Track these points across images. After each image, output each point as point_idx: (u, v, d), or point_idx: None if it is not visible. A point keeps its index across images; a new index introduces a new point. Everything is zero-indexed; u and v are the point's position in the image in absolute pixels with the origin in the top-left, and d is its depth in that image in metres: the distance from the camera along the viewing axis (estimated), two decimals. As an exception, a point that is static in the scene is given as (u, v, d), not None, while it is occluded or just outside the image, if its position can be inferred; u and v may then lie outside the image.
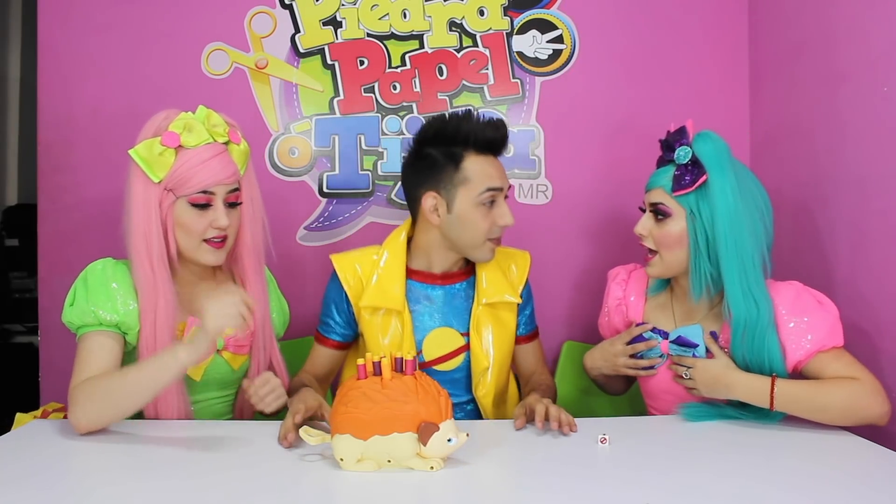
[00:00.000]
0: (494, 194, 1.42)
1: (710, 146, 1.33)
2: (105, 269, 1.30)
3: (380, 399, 1.04)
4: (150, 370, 1.16)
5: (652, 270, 1.42)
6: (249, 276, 1.39)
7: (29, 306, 2.74)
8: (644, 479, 1.05)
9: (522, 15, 2.02)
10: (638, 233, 1.42)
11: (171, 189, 1.27)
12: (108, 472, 1.08)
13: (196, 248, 1.30)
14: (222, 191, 1.29)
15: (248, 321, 1.14)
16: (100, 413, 1.17)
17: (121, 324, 1.27)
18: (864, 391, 1.23)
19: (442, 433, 1.03)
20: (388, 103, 2.01)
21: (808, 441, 1.20)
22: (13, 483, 1.00)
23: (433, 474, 1.05)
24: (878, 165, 1.45)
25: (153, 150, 1.24)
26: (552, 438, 1.22)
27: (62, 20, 1.98)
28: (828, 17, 1.64)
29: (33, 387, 2.03)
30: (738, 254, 1.30)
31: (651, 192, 1.40)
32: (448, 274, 1.52)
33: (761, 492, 0.99)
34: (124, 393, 1.16)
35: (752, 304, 1.29)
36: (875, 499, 0.97)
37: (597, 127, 2.03)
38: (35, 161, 2.01)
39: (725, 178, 1.31)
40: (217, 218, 1.28)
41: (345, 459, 1.05)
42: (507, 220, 1.44)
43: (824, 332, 1.28)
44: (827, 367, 1.27)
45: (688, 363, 1.35)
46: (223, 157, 1.28)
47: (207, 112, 1.29)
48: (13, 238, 3.35)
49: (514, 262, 1.58)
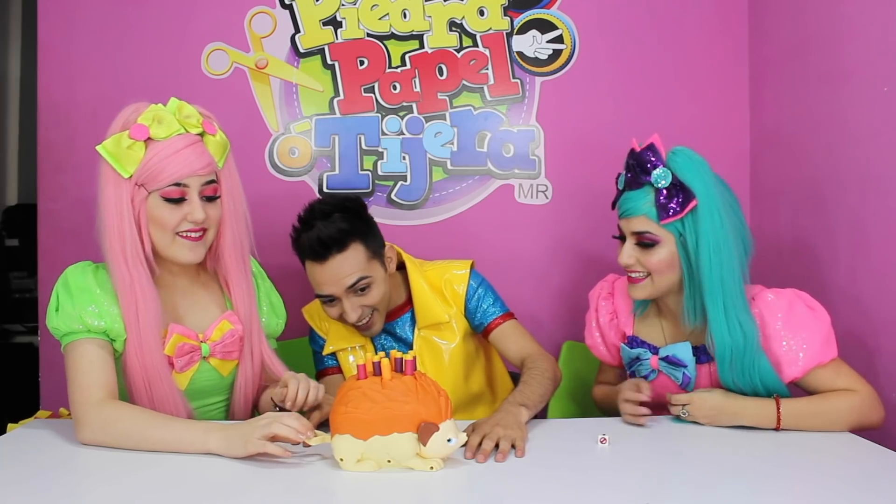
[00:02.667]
0: (326, 300, 1.47)
1: (692, 166, 1.26)
2: (85, 272, 1.24)
3: (380, 399, 1.03)
4: (175, 439, 1.13)
5: (639, 293, 1.34)
6: (233, 275, 1.32)
7: (29, 306, 2.74)
8: (644, 479, 1.05)
9: (522, 15, 2.02)
10: (624, 264, 1.33)
11: (141, 184, 1.19)
12: (108, 472, 1.07)
13: (170, 244, 1.23)
14: (196, 183, 1.21)
15: (283, 452, 1.08)
16: (110, 445, 1.15)
17: (109, 330, 1.21)
18: (864, 403, 1.24)
19: (442, 433, 1.03)
20: (388, 103, 2.01)
21: (808, 441, 1.20)
22: (13, 484, 1.00)
23: (433, 474, 1.04)
24: (879, 165, 1.45)
25: (121, 144, 1.18)
26: (552, 439, 1.22)
27: (62, 20, 1.98)
28: (828, 17, 1.64)
29: (33, 387, 2.03)
30: (721, 279, 1.24)
31: (631, 219, 1.30)
32: (392, 311, 1.59)
33: (761, 492, 0.99)
34: (141, 444, 1.14)
35: (737, 332, 1.24)
36: (875, 499, 0.96)
37: (597, 127, 2.03)
38: (35, 161, 2.01)
39: (713, 200, 1.25)
40: (192, 211, 1.21)
41: (345, 459, 1.05)
42: (351, 317, 1.45)
43: (818, 346, 1.26)
44: (826, 381, 1.27)
45: (682, 400, 1.26)
46: (196, 148, 1.21)
47: (179, 103, 1.23)
48: (13, 238, 3.35)
49: (451, 279, 1.60)
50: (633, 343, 1.42)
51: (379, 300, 1.48)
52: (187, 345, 1.26)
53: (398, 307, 1.60)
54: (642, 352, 1.39)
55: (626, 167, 1.33)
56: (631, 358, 1.42)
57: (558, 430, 1.29)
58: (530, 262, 2.05)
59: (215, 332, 1.30)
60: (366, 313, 1.48)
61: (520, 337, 1.57)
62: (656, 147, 1.28)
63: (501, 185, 2.03)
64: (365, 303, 1.46)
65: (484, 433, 1.17)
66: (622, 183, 1.34)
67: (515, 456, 1.14)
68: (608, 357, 1.52)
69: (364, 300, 1.46)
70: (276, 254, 1.55)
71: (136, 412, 1.17)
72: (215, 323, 1.31)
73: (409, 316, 1.60)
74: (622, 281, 1.48)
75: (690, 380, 1.34)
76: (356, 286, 1.43)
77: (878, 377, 1.40)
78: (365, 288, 1.45)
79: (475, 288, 1.59)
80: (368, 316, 1.49)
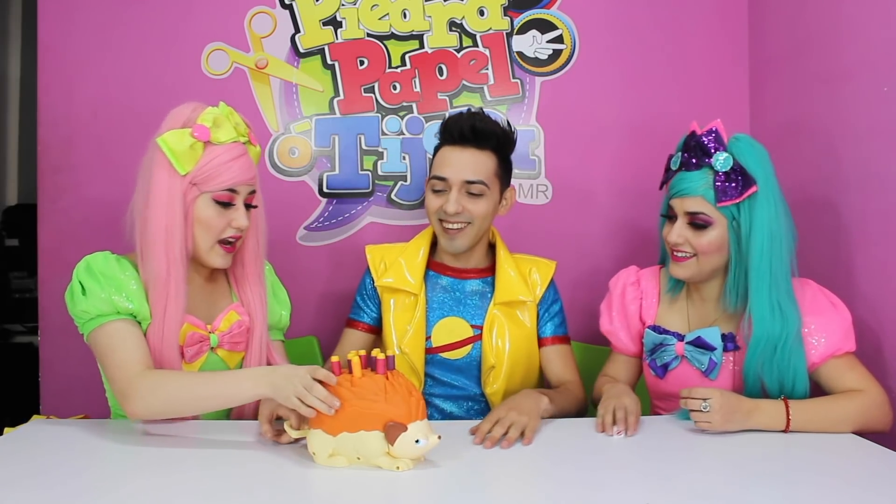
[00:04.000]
0: (438, 183, 1.49)
1: (753, 153, 1.29)
2: (108, 260, 1.25)
3: (348, 396, 1.05)
4: (223, 392, 1.15)
5: (683, 272, 1.36)
6: (250, 279, 1.37)
7: (29, 306, 2.74)
8: (644, 479, 1.05)
9: (522, 15, 2.02)
10: (674, 242, 1.34)
11: (196, 183, 1.24)
12: (102, 471, 1.08)
13: (209, 250, 1.28)
14: (245, 190, 1.29)
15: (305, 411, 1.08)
16: (161, 411, 1.17)
17: (136, 312, 1.23)
18: (874, 404, 1.25)
19: (410, 434, 1.03)
20: (388, 103, 2.01)
21: (809, 441, 1.20)
22: (13, 483, 1.00)
23: (402, 474, 1.04)
24: (879, 165, 1.45)
25: (184, 142, 1.21)
26: (552, 438, 1.22)
27: (62, 20, 1.98)
28: (827, 16, 1.64)
29: (33, 387, 2.03)
30: (770, 266, 1.27)
31: (686, 199, 1.32)
32: (466, 269, 1.59)
33: (762, 492, 0.99)
34: (190, 403, 1.16)
35: (778, 318, 1.26)
36: (876, 499, 0.97)
37: (597, 127, 2.03)
38: (35, 161, 2.01)
39: (771, 189, 1.28)
40: (237, 218, 1.27)
41: (317, 454, 1.07)
42: (449, 208, 1.47)
43: (839, 335, 1.28)
44: (840, 376, 1.27)
45: (704, 394, 1.21)
46: (247, 158, 1.28)
47: (229, 109, 1.28)
48: (13, 238, 3.35)
49: (536, 268, 1.61)
50: (658, 330, 1.43)
51: (480, 216, 1.49)
52: (197, 334, 1.29)
53: (476, 269, 1.59)
54: (667, 337, 1.40)
55: (685, 148, 1.35)
56: (655, 344, 1.42)
57: (558, 429, 1.29)
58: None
59: (223, 322, 1.34)
60: (464, 217, 1.49)
61: (569, 361, 1.59)
62: (719, 132, 1.30)
63: (501, 185, 2.03)
64: (469, 207, 1.48)
65: (498, 418, 1.20)
66: (677, 163, 1.36)
67: (522, 444, 1.15)
68: (624, 343, 1.51)
69: (469, 204, 1.48)
70: (275, 253, 1.55)
71: (178, 374, 1.20)
72: (223, 314, 1.35)
73: (479, 283, 1.58)
74: (646, 271, 1.51)
75: (716, 365, 1.34)
76: (472, 186, 1.48)
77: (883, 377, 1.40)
78: (475, 195, 1.48)
79: (552, 296, 1.61)
80: (463, 224, 1.49)
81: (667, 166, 1.40)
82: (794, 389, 1.28)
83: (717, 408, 1.20)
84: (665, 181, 1.40)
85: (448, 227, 1.50)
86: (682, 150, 1.35)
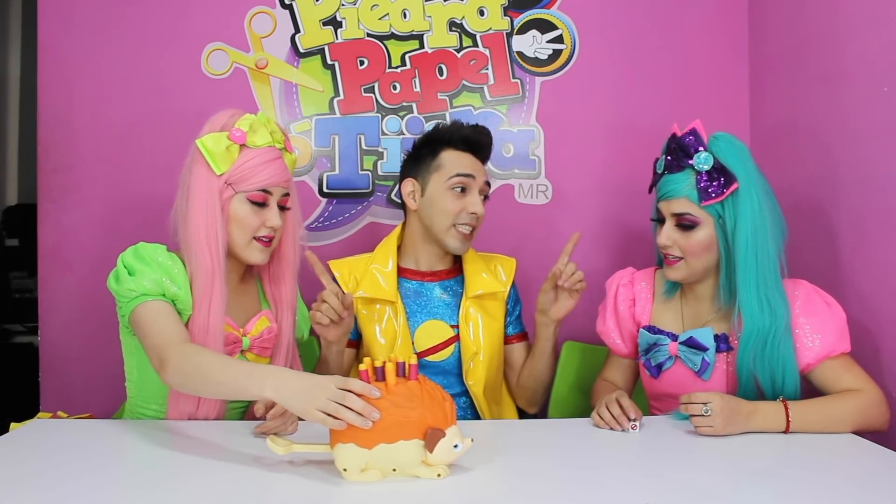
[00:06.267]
0: (464, 181, 1.53)
1: (733, 151, 1.29)
2: (158, 249, 1.30)
3: (385, 406, 0.98)
4: (236, 381, 1.11)
5: (675, 274, 1.38)
6: (286, 277, 1.43)
7: (29, 306, 2.74)
8: (644, 479, 1.05)
9: (522, 15, 2.02)
10: (662, 244, 1.36)
11: (231, 183, 1.30)
12: (108, 472, 1.07)
13: (246, 245, 1.33)
14: (278, 192, 1.34)
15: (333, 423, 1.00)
16: (183, 382, 1.17)
17: (179, 300, 1.27)
18: (872, 403, 1.25)
19: (448, 439, 1.00)
20: (388, 103, 2.01)
21: (808, 441, 1.20)
22: (13, 484, 1.00)
23: (439, 482, 1.01)
24: (879, 165, 1.45)
25: (221, 144, 1.29)
26: (552, 440, 1.23)
27: (62, 20, 1.98)
28: (827, 17, 1.64)
29: (33, 387, 2.03)
30: (756, 261, 1.27)
31: (672, 201, 1.33)
32: (435, 271, 1.62)
33: (763, 492, 0.99)
34: (208, 385, 1.15)
35: (766, 312, 1.27)
36: (875, 499, 0.96)
37: (597, 127, 2.03)
38: (35, 161, 2.00)
39: (753, 185, 1.28)
40: (270, 217, 1.33)
41: (348, 469, 1.00)
42: (476, 209, 1.53)
43: (834, 336, 1.28)
44: (836, 377, 1.28)
45: (704, 398, 1.20)
46: (281, 162, 1.35)
47: (267, 118, 1.36)
48: (13, 238, 3.35)
49: (501, 264, 1.68)
50: (652, 330, 1.43)
51: (482, 220, 1.58)
52: (232, 335, 1.33)
53: (442, 271, 1.63)
54: (661, 337, 1.41)
55: (667, 151, 1.36)
56: (649, 344, 1.43)
57: (559, 430, 1.29)
58: (530, 262, 2.04)
59: (255, 327, 1.38)
60: (482, 215, 1.56)
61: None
62: (698, 132, 1.31)
63: (501, 185, 2.03)
64: (483, 210, 1.56)
65: None
66: (661, 166, 1.37)
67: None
68: (619, 345, 1.52)
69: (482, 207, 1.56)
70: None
71: (210, 353, 1.20)
72: (255, 318, 1.39)
73: (445, 284, 1.62)
74: (642, 272, 1.52)
75: (709, 366, 1.35)
76: (485, 188, 1.57)
77: (879, 377, 1.40)
78: (485, 197, 1.58)
79: (515, 295, 1.68)
80: (474, 226, 1.56)
81: (653, 170, 1.41)
82: (785, 385, 1.28)
83: (718, 411, 1.19)
84: (652, 185, 1.41)
85: (463, 230, 1.54)
86: (665, 152, 1.36)
